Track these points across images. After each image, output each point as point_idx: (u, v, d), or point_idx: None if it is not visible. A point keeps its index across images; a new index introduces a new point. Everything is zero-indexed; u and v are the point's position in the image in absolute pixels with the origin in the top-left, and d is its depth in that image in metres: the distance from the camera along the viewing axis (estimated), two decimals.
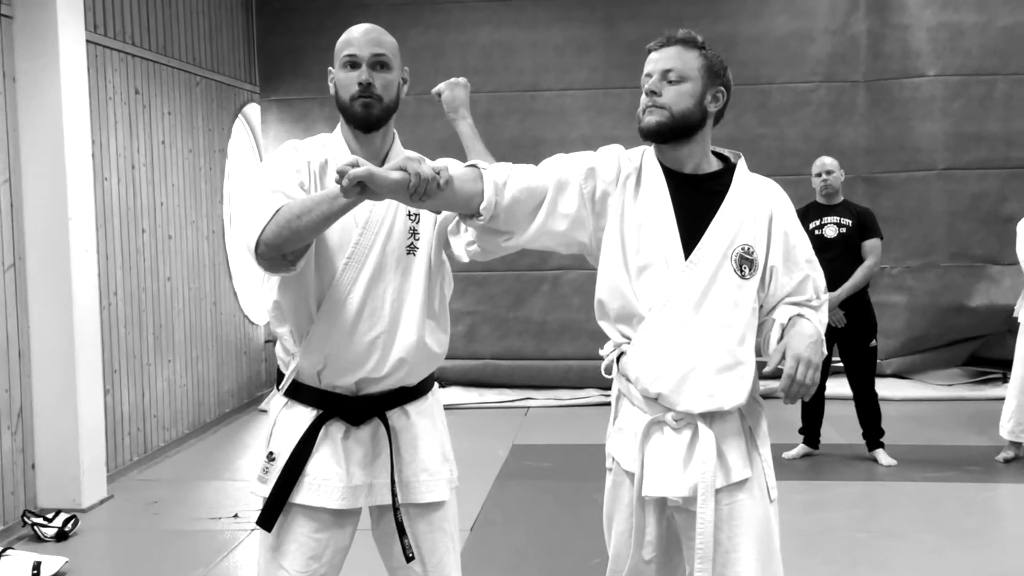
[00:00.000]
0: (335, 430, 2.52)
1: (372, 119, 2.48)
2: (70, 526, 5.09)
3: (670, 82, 2.41)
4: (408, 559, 2.52)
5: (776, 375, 2.33)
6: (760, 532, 2.44)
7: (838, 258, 5.99)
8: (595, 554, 2.66)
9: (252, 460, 6.98)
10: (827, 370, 6.32)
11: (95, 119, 5.94)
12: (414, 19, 8.52)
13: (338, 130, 2.58)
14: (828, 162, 6.27)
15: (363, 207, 2.36)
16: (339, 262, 2.46)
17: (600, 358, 2.58)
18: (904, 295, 8.40)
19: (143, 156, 6.66)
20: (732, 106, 2.53)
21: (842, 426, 6.63)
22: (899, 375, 8.41)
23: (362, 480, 2.53)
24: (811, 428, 6.36)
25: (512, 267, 8.25)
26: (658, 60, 2.44)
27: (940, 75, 8.28)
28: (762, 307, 2.49)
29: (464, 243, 2.48)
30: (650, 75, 2.44)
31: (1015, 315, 6.13)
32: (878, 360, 6.50)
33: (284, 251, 2.31)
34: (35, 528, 5.05)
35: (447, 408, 2.78)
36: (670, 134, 2.43)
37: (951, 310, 8.37)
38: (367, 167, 2.13)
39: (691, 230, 2.42)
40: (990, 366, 8.34)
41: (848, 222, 6.14)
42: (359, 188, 2.13)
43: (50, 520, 5.09)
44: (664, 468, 2.42)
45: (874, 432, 6.23)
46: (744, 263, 2.42)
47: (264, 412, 8.09)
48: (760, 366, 2.48)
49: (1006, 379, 6.69)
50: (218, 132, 7.99)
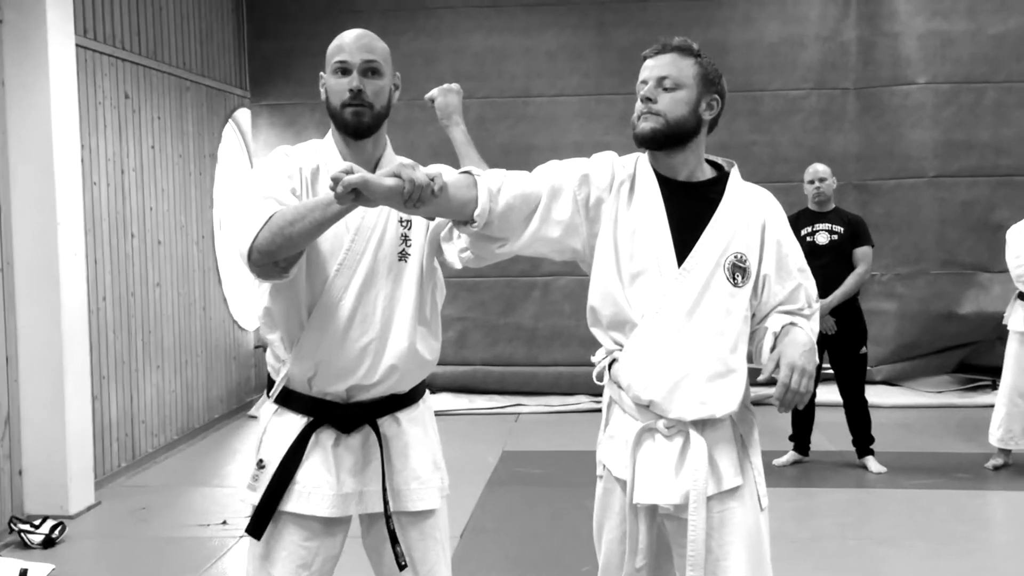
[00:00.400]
0: (325, 437, 2.50)
1: (362, 126, 2.47)
2: (57, 533, 5.06)
3: (665, 89, 2.42)
4: (401, 567, 2.50)
5: (770, 383, 2.33)
6: (751, 540, 2.44)
7: (829, 265, 6.00)
8: (585, 561, 2.65)
9: (241, 466, 6.96)
10: (817, 377, 6.33)
11: (84, 123, 5.92)
12: (406, 25, 8.52)
13: (329, 136, 2.57)
14: (821, 169, 6.28)
15: (355, 213, 2.35)
16: (331, 268, 2.45)
17: (591, 365, 2.58)
18: (894, 302, 8.42)
19: (133, 161, 6.64)
20: (723, 112, 2.53)
21: (832, 433, 6.64)
22: (889, 382, 8.43)
23: (353, 488, 2.51)
24: (801, 435, 6.36)
25: (503, 273, 8.24)
26: (654, 67, 2.44)
27: (930, 83, 8.32)
28: (754, 315, 2.49)
29: (457, 250, 2.47)
30: (645, 82, 2.45)
31: (1004, 322, 6.15)
32: (868, 367, 6.51)
33: (277, 258, 2.30)
34: (22, 535, 5.02)
35: (437, 414, 2.77)
36: (665, 141, 2.43)
37: (941, 317, 8.40)
38: (361, 174, 2.12)
39: (684, 238, 2.42)
40: (980, 373, 8.36)
41: (840, 229, 6.16)
42: (353, 195, 2.12)
43: (37, 527, 5.05)
44: (656, 475, 2.42)
45: (864, 439, 6.24)
46: (737, 271, 2.42)
47: (254, 418, 8.06)
48: (752, 374, 2.47)
49: (995, 386, 6.70)
50: (208, 137, 7.97)
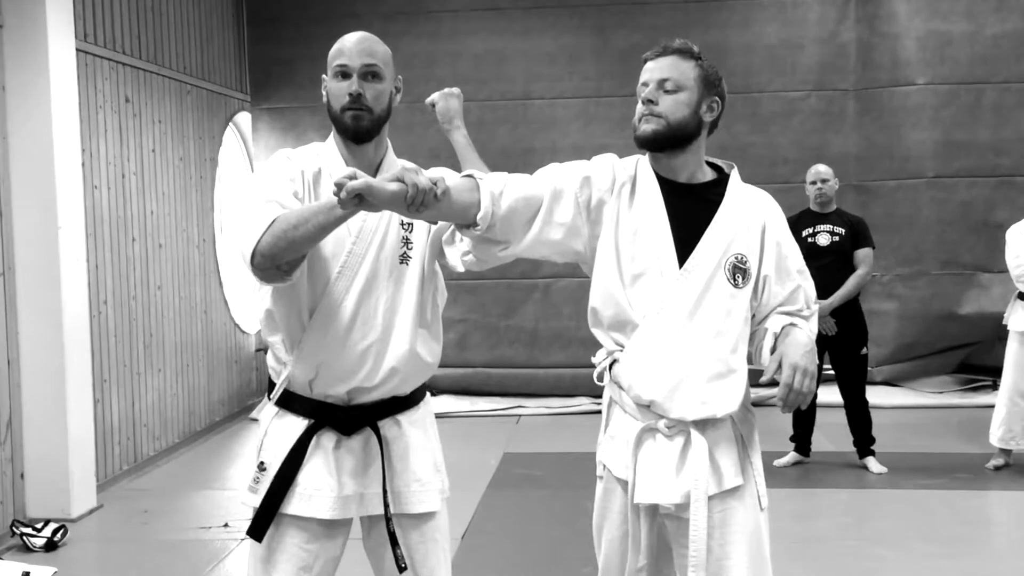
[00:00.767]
0: (326, 440, 2.51)
1: (362, 130, 2.48)
2: (59, 536, 5.07)
3: (667, 91, 2.44)
4: (401, 569, 2.51)
5: (771, 384, 2.34)
6: (751, 540, 2.45)
7: (830, 266, 6.00)
8: (586, 563, 2.65)
9: (243, 469, 6.96)
10: (819, 378, 6.34)
11: (85, 127, 5.93)
12: (406, 28, 8.53)
13: (331, 139, 2.57)
14: (823, 170, 6.26)
15: (356, 216, 2.35)
16: (332, 271, 2.46)
17: (591, 366, 2.59)
18: (894, 303, 8.42)
19: (133, 165, 6.65)
20: (723, 114, 2.54)
21: (833, 434, 6.64)
22: (889, 383, 8.43)
23: (353, 490, 2.52)
24: (802, 436, 6.36)
25: (504, 275, 8.24)
26: (654, 69, 2.46)
27: (930, 84, 8.32)
28: (754, 316, 2.50)
29: (459, 253, 2.48)
30: (646, 84, 2.46)
31: (1005, 322, 6.15)
32: (869, 368, 6.51)
33: (280, 261, 2.31)
34: (24, 538, 5.02)
35: (438, 416, 2.77)
36: (665, 143, 2.45)
37: (941, 318, 8.40)
38: (365, 179, 2.12)
39: (685, 239, 2.44)
40: (980, 373, 8.36)
41: (841, 231, 6.16)
42: (357, 200, 2.13)
43: (39, 530, 5.06)
44: (657, 475, 2.43)
45: (865, 440, 6.24)
46: (738, 272, 2.44)
47: (255, 421, 8.07)
48: (753, 375, 2.48)
49: (996, 386, 6.70)
50: (209, 141, 7.98)
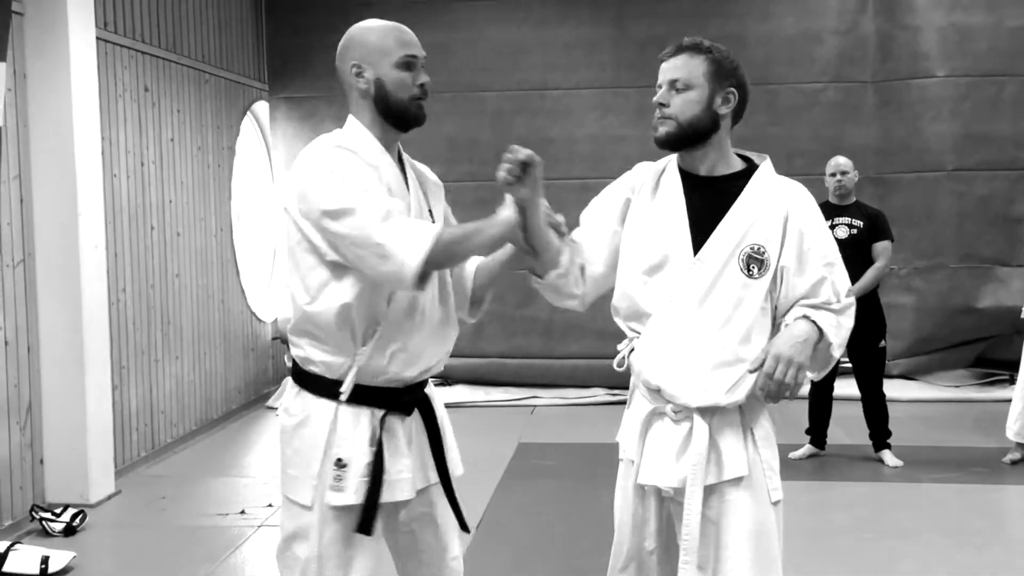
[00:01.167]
0: (391, 423, 2.52)
1: (424, 120, 2.54)
2: (78, 521, 5.12)
3: (677, 91, 2.47)
4: (467, 530, 2.66)
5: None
6: (758, 533, 2.44)
7: (847, 260, 5.79)
8: (601, 552, 2.66)
9: (259, 456, 7.01)
10: (835, 371, 6.34)
11: (105, 116, 5.96)
12: (423, 17, 8.48)
13: (359, 127, 2.51)
14: (843, 162, 6.21)
15: (416, 198, 2.52)
16: None
17: (606, 357, 2.63)
18: (912, 296, 8.38)
19: (152, 153, 6.68)
20: (746, 103, 2.53)
21: (849, 427, 6.63)
22: (906, 376, 8.40)
23: (417, 467, 2.56)
24: (818, 428, 6.35)
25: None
26: (667, 70, 2.49)
27: (949, 76, 8.25)
28: (777, 308, 2.50)
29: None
30: (660, 86, 2.50)
31: (1023, 316, 6.12)
32: (886, 361, 6.48)
33: (443, 269, 2.49)
34: (43, 523, 5.08)
35: (454, 406, 2.80)
36: (679, 143, 2.49)
37: (959, 311, 8.35)
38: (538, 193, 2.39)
39: (702, 229, 2.46)
40: (997, 367, 8.31)
41: (859, 223, 6.11)
42: (519, 173, 2.34)
43: (58, 515, 5.11)
44: (659, 458, 2.47)
45: (881, 433, 6.22)
46: (753, 262, 2.44)
47: (272, 409, 8.10)
48: None
49: (1013, 380, 6.66)
50: (227, 130, 8.01)
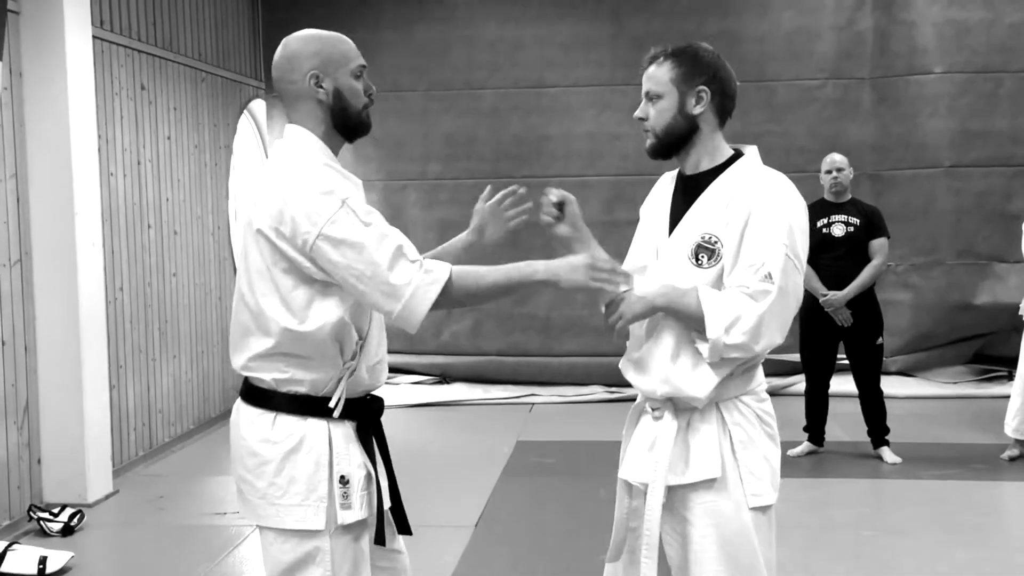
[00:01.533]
0: (365, 433, 2.50)
1: (370, 129, 2.48)
2: (76, 521, 5.11)
3: (652, 102, 2.49)
4: (409, 532, 2.54)
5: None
6: (729, 538, 2.40)
7: (844, 257, 5.97)
8: (600, 550, 2.66)
9: None
10: (832, 367, 6.34)
11: (101, 115, 5.95)
12: (420, 14, 8.51)
13: (314, 139, 2.39)
14: (839, 159, 6.19)
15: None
16: None
17: (604, 355, 2.65)
18: (909, 293, 8.38)
19: (149, 152, 6.67)
20: (737, 103, 2.52)
21: (847, 423, 6.63)
22: (904, 373, 8.40)
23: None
24: (816, 425, 6.34)
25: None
26: (644, 83, 2.51)
27: (947, 72, 8.25)
28: None
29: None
30: (642, 99, 2.53)
31: (1021, 313, 6.12)
32: (884, 358, 6.47)
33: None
34: (41, 523, 5.07)
35: (452, 404, 2.80)
36: (663, 152, 2.51)
37: (957, 308, 8.36)
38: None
39: (675, 225, 2.50)
40: (996, 364, 8.32)
41: (856, 221, 6.10)
42: (559, 211, 2.50)
43: (56, 515, 5.11)
44: (635, 453, 2.51)
45: (879, 430, 6.22)
46: (702, 251, 2.42)
47: None
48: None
49: (1011, 377, 6.67)
50: (224, 128, 8.00)
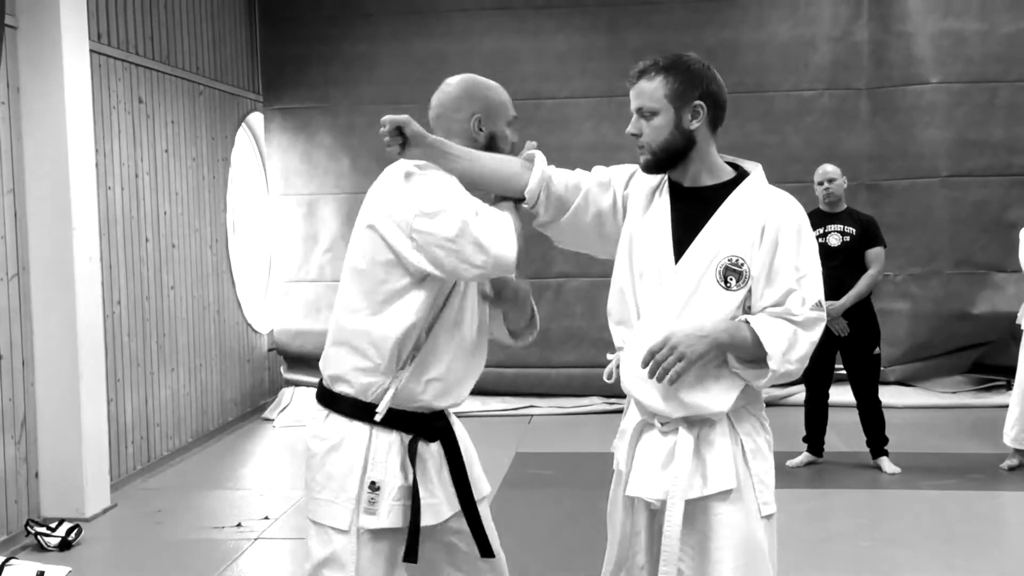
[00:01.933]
0: (420, 448, 2.55)
1: None
2: (73, 535, 5.09)
3: (645, 119, 2.50)
4: (491, 555, 2.62)
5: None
6: (746, 548, 2.41)
7: (841, 267, 5.98)
8: (597, 562, 2.65)
9: (256, 469, 6.99)
10: (830, 378, 6.34)
11: (99, 128, 5.95)
12: (417, 28, 8.52)
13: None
14: (830, 170, 6.22)
15: None
16: (447, 285, 2.53)
17: (603, 366, 2.62)
18: (907, 302, 8.38)
19: (147, 165, 6.68)
20: (735, 114, 2.53)
21: (846, 434, 6.62)
22: (902, 382, 8.39)
23: (442, 494, 2.57)
24: (815, 436, 6.34)
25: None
26: (632, 98, 2.53)
27: (943, 82, 8.28)
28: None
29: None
30: (633, 114, 2.53)
31: (1018, 322, 6.12)
32: (882, 368, 6.48)
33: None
34: (38, 537, 5.05)
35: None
36: (659, 167, 2.52)
37: (954, 317, 8.36)
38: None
39: (683, 240, 2.46)
40: (994, 373, 8.31)
41: (852, 230, 6.12)
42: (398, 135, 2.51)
43: (53, 529, 5.08)
44: (646, 469, 2.46)
45: (878, 440, 6.22)
46: (730, 274, 2.41)
47: (268, 421, 8.09)
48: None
49: (1010, 386, 6.66)
50: (221, 141, 8.01)
